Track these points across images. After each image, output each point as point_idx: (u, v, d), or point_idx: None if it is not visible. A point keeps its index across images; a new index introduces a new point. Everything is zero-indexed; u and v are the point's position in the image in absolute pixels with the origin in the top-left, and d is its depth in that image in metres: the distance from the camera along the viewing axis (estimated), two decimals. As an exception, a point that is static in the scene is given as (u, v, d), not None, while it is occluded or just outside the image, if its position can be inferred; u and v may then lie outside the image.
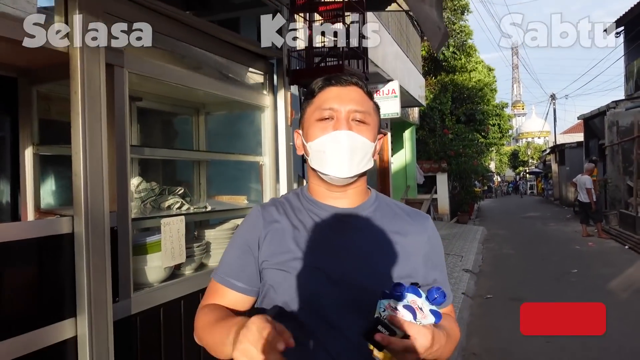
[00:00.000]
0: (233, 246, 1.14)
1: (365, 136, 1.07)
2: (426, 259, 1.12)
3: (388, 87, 8.49)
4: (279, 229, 1.09)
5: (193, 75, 2.22)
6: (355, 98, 1.08)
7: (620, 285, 6.71)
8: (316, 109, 1.08)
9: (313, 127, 1.08)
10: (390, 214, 1.15)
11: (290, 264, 1.05)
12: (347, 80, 1.10)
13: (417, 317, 0.88)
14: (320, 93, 1.10)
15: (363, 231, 1.09)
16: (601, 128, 13.97)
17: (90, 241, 1.54)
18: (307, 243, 1.06)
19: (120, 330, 1.70)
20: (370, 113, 1.10)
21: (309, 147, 1.08)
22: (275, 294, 1.06)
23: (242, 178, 3.08)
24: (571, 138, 27.69)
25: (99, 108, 1.58)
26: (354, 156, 1.05)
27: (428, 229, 1.16)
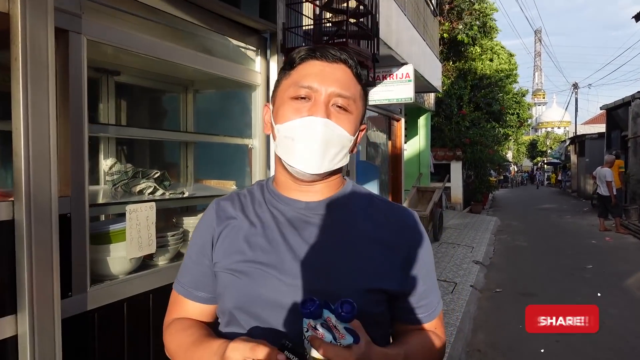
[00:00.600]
0: (189, 249, 1.02)
1: (345, 127, 0.90)
2: (405, 263, 0.94)
3: (402, 71, 8.18)
4: (234, 226, 0.96)
5: (170, 47, 2.01)
6: (341, 79, 0.91)
7: (636, 282, 6.43)
8: (292, 84, 0.91)
9: (285, 106, 0.91)
10: (365, 209, 0.98)
11: (239, 266, 0.91)
12: (335, 56, 0.92)
13: (336, 337, 0.74)
14: (300, 65, 0.93)
15: (328, 229, 0.93)
16: (625, 119, 13.44)
17: (34, 229, 1.36)
18: (261, 242, 0.92)
19: (72, 328, 1.53)
20: (356, 99, 0.93)
21: (277, 129, 0.92)
22: (223, 302, 0.94)
23: (232, 161, 2.89)
24: (592, 129, 26.90)
25: (45, 79, 1.38)
26: (328, 150, 0.89)
27: (410, 227, 0.98)
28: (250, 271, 0.90)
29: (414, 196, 9.30)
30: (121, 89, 2.55)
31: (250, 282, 0.89)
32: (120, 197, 1.98)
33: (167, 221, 2.39)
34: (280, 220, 0.94)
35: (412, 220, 0.99)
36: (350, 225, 0.94)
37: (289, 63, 0.94)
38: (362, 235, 0.93)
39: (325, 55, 0.91)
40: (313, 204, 0.95)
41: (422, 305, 0.97)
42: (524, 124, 19.20)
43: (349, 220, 0.95)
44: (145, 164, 2.81)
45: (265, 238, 0.92)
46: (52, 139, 1.41)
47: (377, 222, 0.96)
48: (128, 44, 1.76)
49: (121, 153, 2.67)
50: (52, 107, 1.41)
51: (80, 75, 1.56)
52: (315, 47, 0.93)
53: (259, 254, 0.91)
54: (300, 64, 0.92)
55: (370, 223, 0.95)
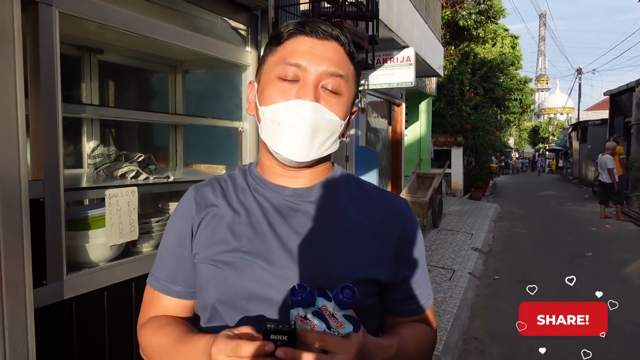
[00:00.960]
0: (165, 240, 0.95)
1: (336, 111, 0.84)
2: (397, 252, 0.89)
3: (403, 54, 8.03)
4: (216, 214, 0.89)
5: (154, 23, 1.90)
6: (333, 57, 0.84)
7: (636, 271, 6.39)
8: (279, 62, 0.84)
9: (271, 86, 0.84)
10: (355, 196, 0.93)
11: (222, 256, 0.84)
12: (326, 32, 0.84)
13: (331, 327, 0.68)
14: (288, 41, 0.85)
15: (318, 216, 0.87)
16: (628, 105, 13.30)
17: (1, 214, 1.28)
18: (246, 231, 0.86)
19: (47, 318, 1.46)
20: (348, 80, 0.86)
21: (262, 112, 0.85)
22: (205, 296, 0.87)
23: (222, 145, 2.80)
24: (595, 115, 26.68)
25: (11, 55, 1.29)
26: (316, 137, 0.83)
27: (401, 215, 0.93)
28: (234, 262, 0.83)
29: (413, 182, 9.23)
30: (106, 68, 2.45)
31: (235, 273, 0.83)
32: (102, 181, 1.90)
33: (154, 206, 2.32)
34: (266, 207, 0.88)
35: (403, 207, 0.94)
36: (340, 212, 0.89)
37: (275, 38, 0.87)
38: (353, 223, 0.88)
39: (315, 31, 0.84)
40: (301, 191, 0.89)
41: (414, 297, 0.93)
42: (527, 110, 19.02)
43: (339, 207, 0.90)
44: (133, 147, 2.73)
45: (250, 227, 0.86)
46: (20, 118, 1.33)
47: (367, 209, 0.91)
48: (106, 18, 1.65)
49: (108, 136, 2.58)
50: (19, 85, 1.32)
51: (52, 51, 1.46)
52: (304, 21, 0.86)
53: (244, 243, 0.84)
54: (288, 39, 0.85)
55: (361, 210, 0.90)
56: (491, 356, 3.73)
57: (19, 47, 1.32)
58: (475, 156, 15.04)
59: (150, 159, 2.14)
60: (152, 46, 2.33)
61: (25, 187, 1.35)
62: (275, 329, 0.66)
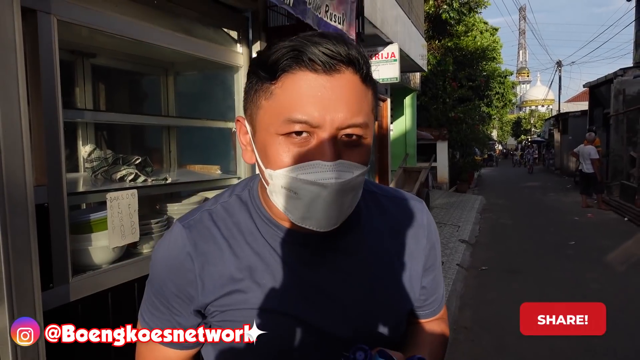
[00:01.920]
0: (153, 292, 0.78)
1: (361, 161, 0.68)
2: (425, 263, 0.85)
3: (387, 51, 8.09)
4: (222, 263, 0.73)
5: (147, 27, 1.93)
6: (350, 98, 0.65)
7: (618, 258, 6.59)
8: (278, 116, 0.65)
9: (274, 146, 0.66)
10: (378, 219, 0.82)
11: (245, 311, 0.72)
12: (334, 59, 0.63)
13: None
14: (285, 79, 0.64)
15: (347, 262, 0.76)
16: (607, 96, 13.60)
17: (9, 220, 1.31)
18: (271, 287, 0.72)
19: (55, 320, 1.49)
20: (370, 121, 0.68)
21: (269, 175, 0.68)
22: None
23: (216, 146, 2.83)
24: (575, 107, 27.20)
25: (13, 63, 1.31)
26: (345, 201, 0.68)
27: (426, 223, 0.86)
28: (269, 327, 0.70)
29: (400, 176, 9.33)
30: (98, 72, 2.46)
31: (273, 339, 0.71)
32: (101, 185, 1.93)
33: (151, 208, 2.34)
34: (285, 257, 0.74)
35: (424, 212, 0.87)
36: (372, 244, 0.79)
37: (266, 69, 0.66)
38: (384, 254, 0.80)
39: (319, 61, 0.63)
40: (325, 233, 0.71)
41: (434, 300, 0.92)
42: (508, 104, 19.31)
43: (367, 240, 0.79)
44: (127, 149, 2.74)
45: (271, 280, 0.73)
46: (24, 125, 1.35)
47: (392, 230, 0.82)
48: (101, 24, 1.68)
49: (101, 139, 2.59)
50: (22, 92, 1.34)
51: (51, 57, 1.48)
52: (301, 44, 0.64)
53: (275, 303, 0.72)
54: (284, 74, 0.64)
55: (387, 236, 0.81)
56: (481, 345, 3.84)
57: (21, 55, 1.34)
58: (460, 149, 15.25)
59: (146, 161, 2.16)
60: (144, 49, 2.35)
61: (31, 193, 1.37)
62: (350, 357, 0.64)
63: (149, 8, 2.00)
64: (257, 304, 0.72)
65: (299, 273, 0.73)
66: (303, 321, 0.72)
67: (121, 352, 1.75)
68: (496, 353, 3.68)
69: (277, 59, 0.64)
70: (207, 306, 0.74)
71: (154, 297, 0.78)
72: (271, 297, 0.72)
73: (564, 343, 3.84)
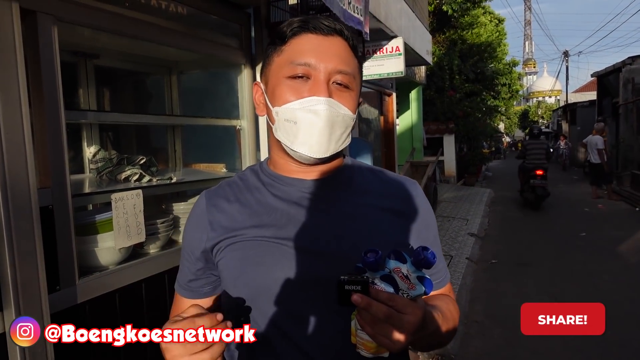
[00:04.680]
0: (182, 250, 0.97)
1: (348, 106, 0.86)
2: (416, 230, 0.93)
3: (392, 45, 8.02)
4: (232, 216, 0.89)
5: (149, 26, 1.91)
6: (340, 53, 0.85)
7: (630, 248, 6.51)
8: (287, 62, 0.84)
9: (282, 86, 0.84)
10: (370, 182, 0.96)
11: (249, 244, 0.86)
12: (330, 28, 0.85)
13: (400, 289, 0.71)
14: (293, 40, 0.85)
15: (340, 205, 0.90)
16: (615, 86, 13.42)
17: (14, 223, 1.30)
18: (269, 224, 0.87)
19: (63, 322, 1.48)
20: (355, 75, 0.88)
21: (275, 112, 0.86)
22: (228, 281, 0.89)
23: (221, 144, 2.81)
24: (583, 97, 26.89)
25: (13, 65, 1.30)
26: (334, 132, 0.84)
27: (418, 197, 0.96)
28: (264, 248, 0.85)
29: (407, 171, 9.29)
30: (101, 73, 2.45)
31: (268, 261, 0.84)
32: (106, 186, 1.92)
33: (157, 208, 2.34)
34: (286, 201, 0.89)
35: (416, 188, 0.98)
36: (359, 199, 0.91)
37: (279, 37, 0.87)
38: (373, 207, 0.91)
39: (319, 27, 0.84)
40: (318, 182, 0.91)
41: (436, 272, 0.96)
42: (515, 95, 19.12)
43: (358, 194, 0.92)
44: (131, 150, 2.73)
45: (273, 220, 0.87)
46: (26, 127, 1.34)
47: (384, 192, 0.94)
48: (101, 23, 1.66)
49: (106, 140, 2.59)
50: (23, 95, 1.33)
51: (52, 59, 1.47)
52: (306, 18, 0.86)
53: (272, 231, 0.86)
54: (293, 37, 0.85)
55: (379, 194, 0.93)
56: (492, 338, 3.81)
57: (21, 56, 1.33)
58: (467, 142, 15.13)
59: (151, 161, 2.15)
60: (146, 49, 2.34)
61: (35, 196, 1.37)
62: (349, 279, 0.68)
63: (150, 6, 1.99)
64: (255, 236, 0.86)
65: (294, 213, 0.87)
66: (294, 248, 0.84)
67: (129, 355, 1.75)
68: (508, 347, 3.64)
69: (287, 28, 0.86)
70: (216, 245, 0.88)
71: (184, 254, 0.95)
72: (267, 230, 0.86)
73: (576, 336, 3.80)
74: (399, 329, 0.67)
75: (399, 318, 0.67)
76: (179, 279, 0.97)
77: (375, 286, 0.70)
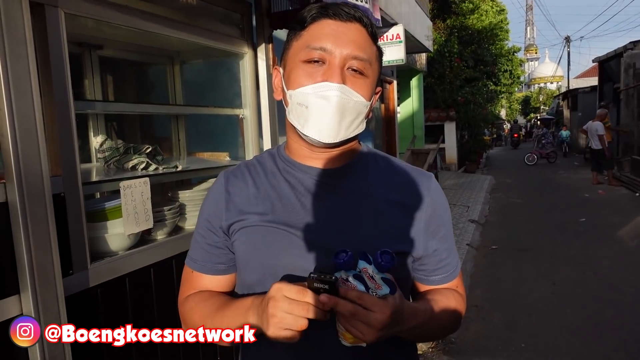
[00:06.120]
0: (197, 227, 1.00)
1: (362, 93, 0.86)
2: (427, 225, 0.93)
3: (392, 32, 8.01)
4: (246, 194, 0.93)
5: (152, 16, 1.94)
6: (357, 40, 0.85)
7: (629, 233, 6.57)
8: (304, 46, 0.86)
9: (297, 70, 0.86)
10: (384, 173, 0.96)
11: (258, 229, 0.89)
12: (349, 14, 0.86)
13: (369, 288, 0.75)
14: (312, 25, 0.87)
15: (350, 195, 0.91)
16: (617, 71, 13.36)
17: (28, 210, 1.35)
18: (280, 209, 0.89)
19: (76, 305, 1.55)
20: (372, 62, 0.88)
21: (289, 96, 0.87)
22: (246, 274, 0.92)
23: (224, 133, 2.86)
24: (585, 82, 26.74)
25: (25, 57, 1.34)
26: (344, 118, 0.84)
27: (431, 190, 0.95)
28: (272, 232, 0.87)
29: (408, 158, 9.32)
30: (106, 63, 2.49)
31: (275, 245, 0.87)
32: (114, 174, 1.97)
33: (163, 195, 2.39)
34: (297, 188, 0.91)
35: (430, 181, 0.97)
36: (370, 190, 0.92)
37: (299, 22, 0.88)
38: (383, 200, 0.91)
39: (338, 14, 0.85)
40: (331, 171, 0.92)
41: (444, 266, 0.97)
42: (516, 81, 19.02)
43: (369, 185, 0.93)
44: (136, 139, 2.78)
45: (283, 206, 0.90)
46: (38, 117, 1.39)
47: (396, 185, 0.94)
48: (108, 15, 1.70)
49: (111, 129, 2.63)
50: (34, 85, 1.37)
51: (60, 50, 1.51)
52: (327, 4, 0.87)
53: (281, 217, 0.88)
54: (312, 23, 0.86)
55: (390, 187, 0.93)
56: (492, 322, 3.88)
57: (31, 48, 1.37)
58: (468, 130, 15.11)
59: (156, 150, 2.20)
60: (149, 39, 2.37)
61: (48, 183, 1.42)
62: (317, 278, 0.71)
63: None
64: (266, 221, 0.88)
65: (305, 202, 0.90)
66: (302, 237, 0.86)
67: (141, 351, 1.81)
68: (507, 330, 3.72)
69: (307, 14, 0.87)
70: (231, 226, 0.92)
71: (198, 229, 0.98)
72: (278, 215, 0.88)
73: (574, 318, 3.88)
74: (367, 325, 0.70)
75: (365, 315, 0.70)
76: (191, 254, 0.99)
77: (348, 283, 0.74)
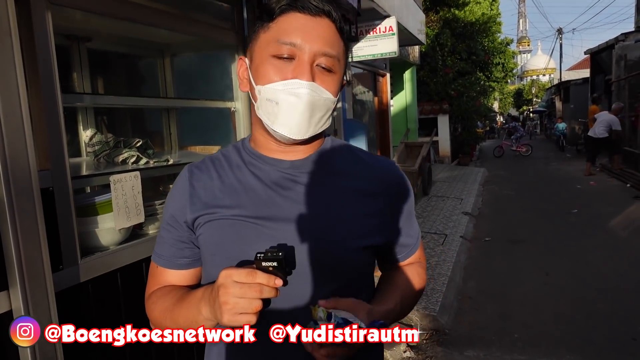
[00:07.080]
0: (163, 219, 0.99)
1: (330, 90, 0.87)
2: (391, 210, 0.97)
3: (385, 24, 7.97)
4: (212, 191, 0.92)
5: (140, 8, 1.92)
6: (326, 35, 0.85)
7: (620, 224, 6.63)
8: (273, 40, 0.84)
9: (266, 65, 0.85)
10: (349, 163, 0.97)
11: (225, 222, 0.89)
12: (318, 8, 0.85)
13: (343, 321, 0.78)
14: (280, 18, 0.85)
15: (315, 186, 0.91)
16: (609, 63, 13.42)
17: (16, 205, 1.33)
18: (246, 202, 0.89)
19: (67, 300, 1.53)
20: (340, 58, 0.89)
21: (258, 91, 0.86)
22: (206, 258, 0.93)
23: (215, 126, 2.83)
24: (577, 74, 26.86)
25: (10, 50, 1.31)
26: (314, 115, 0.85)
27: (392, 175, 0.99)
28: (239, 225, 0.87)
29: (402, 151, 9.33)
30: (94, 56, 2.45)
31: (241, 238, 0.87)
32: (104, 168, 1.95)
33: (155, 190, 2.37)
34: (264, 181, 0.91)
35: (393, 168, 1.01)
36: (336, 180, 0.93)
37: (267, 14, 0.87)
38: (349, 190, 0.92)
39: (307, 7, 0.84)
40: (297, 163, 0.92)
41: (407, 245, 1.03)
42: (509, 74, 19.04)
43: (335, 175, 0.94)
44: (127, 133, 2.75)
45: (249, 199, 0.89)
46: (24, 111, 1.36)
47: (361, 174, 0.96)
48: (95, 6, 1.67)
49: (101, 123, 2.60)
50: (20, 78, 1.35)
51: (47, 42, 1.48)
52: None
53: (248, 209, 0.88)
54: (281, 15, 0.85)
55: (356, 176, 0.95)
56: (485, 313, 3.91)
57: (16, 40, 1.34)
58: (461, 122, 15.15)
59: (147, 143, 2.18)
60: (138, 31, 2.34)
61: (36, 178, 1.39)
62: (265, 257, 0.72)
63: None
64: (232, 215, 0.88)
65: (272, 194, 0.89)
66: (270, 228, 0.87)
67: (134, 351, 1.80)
68: (500, 320, 3.75)
69: (276, 5, 0.86)
70: (196, 220, 0.91)
71: (163, 224, 0.97)
72: (245, 210, 0.88)
73: (566, 308, 3.91)
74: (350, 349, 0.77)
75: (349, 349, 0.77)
76: (156, 249, 0.99)
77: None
